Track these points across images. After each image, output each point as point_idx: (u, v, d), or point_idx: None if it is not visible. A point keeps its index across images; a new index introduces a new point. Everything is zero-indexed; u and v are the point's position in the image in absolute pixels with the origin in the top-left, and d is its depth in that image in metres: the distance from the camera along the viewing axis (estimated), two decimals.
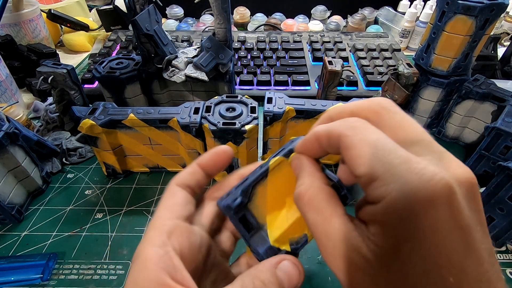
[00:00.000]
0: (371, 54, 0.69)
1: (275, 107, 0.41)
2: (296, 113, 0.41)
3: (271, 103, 0.41)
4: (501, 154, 0.40)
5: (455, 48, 0.45)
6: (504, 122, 0.39)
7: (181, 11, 0.95)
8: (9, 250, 0.37)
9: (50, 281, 0.34)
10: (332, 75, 0.49)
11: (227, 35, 0.46)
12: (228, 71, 0.49)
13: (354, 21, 0.86)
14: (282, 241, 0.19)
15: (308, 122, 0.42)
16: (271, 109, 0.41)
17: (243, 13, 0.90)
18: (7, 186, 0.39)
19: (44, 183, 0.44)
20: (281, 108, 0.41)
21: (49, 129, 0.53)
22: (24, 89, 0.66)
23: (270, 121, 0.41)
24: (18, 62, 0.65)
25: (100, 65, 0.49)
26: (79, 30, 0.82)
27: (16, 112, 0.50)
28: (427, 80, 0.50)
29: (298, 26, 0.88)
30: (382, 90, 0.53)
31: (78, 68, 0.74)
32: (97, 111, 0.41)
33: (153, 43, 0.45)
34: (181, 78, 0.47)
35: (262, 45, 0.72)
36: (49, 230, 0.40)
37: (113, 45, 0.74)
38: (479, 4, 0.41)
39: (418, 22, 0.80)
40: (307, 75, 0.64)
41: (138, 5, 0.43)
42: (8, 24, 0.68)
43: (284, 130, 0.43)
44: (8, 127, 0.38)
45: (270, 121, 0.41)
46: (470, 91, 0.47)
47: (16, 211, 0.39)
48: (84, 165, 0.49)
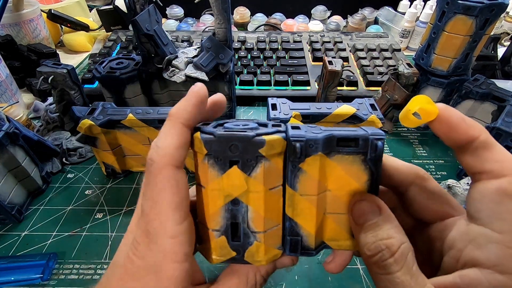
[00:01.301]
0: (371, 54, 0.69)
1: (280, 113, 0.40)
2: (302, 117, 0.41)
3: (276, 110, 0.41)
4: None
5: (455, 48, 0.45)
6: (504, 122, 0.39)
7: (181, 11, 0.95)
8: (9, 250, 0.37)
9: (50, 281, 0.35)
10: (332, 75, 0.49)
11: (227, 35, 0.46)
12: (228, 71, 0.49)
13: (354, 21, 0.86)
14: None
15: None
16: (278, 115, 0.40)
17: (243, 13, 0.90)
18: (7, 186, 0.39)
19: (44, 183, 0.44)
20: (287, 114, 0.40)
21: (49, 129, 0.53)
22: (24, 89, 0.66)
23: None
24: (18, 62, 0.65)
25: (100, 65, 0.49)
26: (79, 30, 0.82)
27: (16, 112, 0.50)
28: (427, 80, 0.50)
29: (298, 26, 0.88)
30: (382, 90, 0.53)
31: (78, 68, 0.74)
32: (96, 111, 0.41)
33: (153, 43, 0.45)
34: (181, 78, 0.47)
35: (262, 45, 0.72)
36: (49, 230, 0.40)
37: (113, 45, 0.74)
38: (479, 4, 0.41)
39: (418, 22, 0.80)
40: (307, 75, 0.64)
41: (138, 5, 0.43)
42: (8, 24, 0.68)
43: None
44: (8, 127, 0.38)
45: None
46: (470, 91, 0.47)
47: (16, 211, 0.39)
48: (84, 165, 0.49)
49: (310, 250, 0.20)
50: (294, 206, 0.19)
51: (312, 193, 0.18)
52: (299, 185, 0.18)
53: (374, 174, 0.18)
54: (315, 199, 0.18)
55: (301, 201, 0.18)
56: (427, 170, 0.48)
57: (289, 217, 0.19)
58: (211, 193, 0.18)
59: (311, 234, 0.19)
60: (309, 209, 0.19)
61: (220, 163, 0.17)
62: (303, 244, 0.19)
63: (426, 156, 0.51)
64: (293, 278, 0.35)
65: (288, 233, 0.19)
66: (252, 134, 0.17)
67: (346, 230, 0.19)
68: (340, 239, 0.20)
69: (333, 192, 0.19)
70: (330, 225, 0.20)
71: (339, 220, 0.19)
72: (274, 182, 0.18)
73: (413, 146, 0.53)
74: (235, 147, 0.17)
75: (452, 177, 0.46)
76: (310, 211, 0.19)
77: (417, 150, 0.52)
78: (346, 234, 0.20)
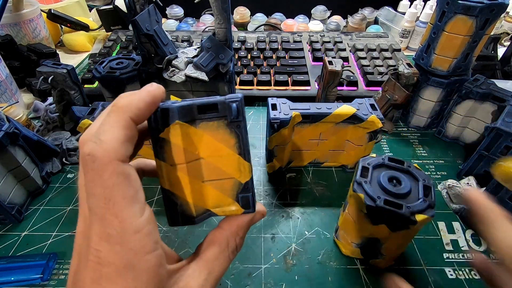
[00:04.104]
0: (371, 54, 0.69)
1: (281, 113, 0.40)
2: (302, 118, 0.41)
3: (276, 110, 0.41)
4: (501, 154, 0.40)
5: (455, 48, 0.45)
6: (504, 122, 0.39)
7: (181, 11, 0.95)
8: (9, 250, 0.37)
9: (50, 281, 0.35)
10: (332, 75, 0.49)
11: (227, 35, 0.46)
12: (228, 71, 0.49)
13: (354, 21, 0.86)
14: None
15: (314, 126, 0.42)
16: (278, 116, 0.40)
17: (243, 13, 0.90)
18: (7, 186, 0.39)
19: (44, 183, 0.44)
20: (287, 114, 0.40)
21: (49, 129, 0.53)
22: (24, 89, 0.66)
23: (277, 128, 0.40)
24: (18, 62, 0.65)
25: (100, 65, 0.49)
26: (79, 30, 0.82)
27: (16, 112, 0.50)
28: (427, 80, 0.50)
29: (298, 26, 0.88)
30: (382, 90, 0.53)
31: (78, 68, 0.74)
32: (96, 111, 0.41)
33: (153, 43, 0.45)
34: (181, 78, 0.46)
35: (262, 45, 0.72)
36: (49, 230, 0.40)
37: (113, 45, 0.74)
38: (479, 4, 0.41)
39: (418, 22, 0.80)
40: (307, 75, 0.64)
41: (138, 5, 0.43)
42: (8, 24, 0.68)
43: (290, 135, 0.43)
44: (8, 127, 0.38)
45: (278, 128, 0.40)
46: (470, 91, 0.47)
47: (16, 211, 0.39)
48: None
49: (191, 218, 0.20)
50: (167, 176, 0.19)
51: (181, 161, 0.19)
52: (166, 155, 0.19)
53: (240, 136, 0.19)
54: (184, 167, 0.19)
55: (172, 171, 0.19)
56: (427, 170, 0.48)
57: (164, 189, 0.19)
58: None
59: (189, 203, 0.20)
60: (182, 178, 0.19)
61: (373, 220, 0.30)
62: (183, 213, 0.20)
63: (426, 156, 0.51)
64: (293, 278, 0.35)
65: (166, 205, 0.20)
66: (406, 212, 0.27)
67: (229, 195, 0.20)
68: (223, 205, 0.20)
69: (207, 160, 0.19)
70: (211, 192, 0.20)
71: (219, 186, 0.20)
72: (409, 235, 0.27)
73: (413, 146, 0.53)
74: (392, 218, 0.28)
75: (452, 177, 0.46)
76: (183, 180, 0.19)
77: (417, 150, 0.52)
78: (229, 199, 0.20)
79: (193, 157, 0.19)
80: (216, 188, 0.20)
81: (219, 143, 0.19)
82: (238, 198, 0.20)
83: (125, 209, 0.15)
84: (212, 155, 0.19)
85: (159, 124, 0.18)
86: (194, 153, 0.19)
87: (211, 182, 0.20)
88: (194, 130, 0.18)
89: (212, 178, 0.20)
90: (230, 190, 0.20)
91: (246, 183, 0.20)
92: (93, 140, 0.15)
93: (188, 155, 0.19)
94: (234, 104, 0.18)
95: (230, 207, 0.20)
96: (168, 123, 0.18)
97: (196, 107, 0.18)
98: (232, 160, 0.19)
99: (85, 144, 0.15)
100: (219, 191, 0.20)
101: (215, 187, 0.20)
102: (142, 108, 0.16)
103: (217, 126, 0.19)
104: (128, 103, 0.16)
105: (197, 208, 0.20)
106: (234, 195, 0.20)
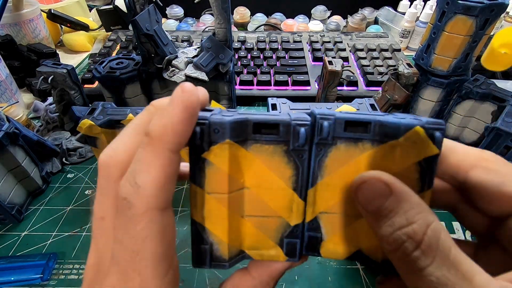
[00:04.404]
0: (371, 54, 0.69)
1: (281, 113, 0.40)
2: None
3: (276, 110, 0.41)
4: (501, 154, 0.40)
5: (455, 48, 0.45)
6: (504, 122, 0.39)
7: (181, 11, 0.95)
8: (9, 250, 0.37)
9: (50, 281, 0.34)
10: (332, 75, 0.49)
11: (227, 35, 0.46)
12: (228, 71, 0.49)
13: (354, 21, 0.86)
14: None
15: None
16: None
17: (243, 13, 0.90)
18: (7, 186, 0.39)
19: (44, 183, 0.44)
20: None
21: (49, 129, 0.53)
22: (24, 89, 0.66)
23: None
24: (18, 62, 0.65)
25: (100, 65, 0.49)
26: (79, 30, 0.82)
27: (16, 112, 0.50)
28: (427, 80, 0.50)
29: (298, 26, 0.88)
30: (382, 90, 0.53)
31: (78, 68, 0.74)
32: (96, 111, 0.40)
33: (153, 43, 0.45)
34: (181, 78, 0.46)
35: (262, 45, 0.72)
36: (49, 230, 0.40)
37: (113, 45, 0.74)
38: (479, 4, 0.41)
39: (418, 22, 0.80)
40: (307, 75, 0.64)
41: (138, 5, 0.43)
42: (8, 24, 0.68)
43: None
44: (8, 127, 0.38)
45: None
46: (470, 91, 0.47)
47: (16, 211, 0.39)
48: (84, 165, 0.49)
49: (223, 261, 0.16)
50: (201, 207, 0.15)
51: (222, 191, 0.15)
52: (206, 180, 0.15)
53: (300, 169, 0.15)
54: (225, 198, 0.15)
55: (209, 201, 0.15)
56: None
57: (195, 221, 0.16)
58: None
59: (223, 242, 0.16)
60: (219, 210, 0.15)
61: None
62: (213, 254, 0.16)
63: None
64: (293, 278, 0.35)
65: (194, 240, 0.16)
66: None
67: (271, 236, 0.16)
68: (262, 247, 0.17)
69: (252, 190, 0.16)
70: (249, 230, 0.16)
71: (260, 224, 0.16)
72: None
73: None
74: None
75: None
76: (221, 213, 0.15)
77: None
78: (270, 241, 0.16)
79: (237, 186, 0.15)
80: (256, 226, 0.16)
81: (272, 173, 0.15)
82: (283, 243, 0.16)
83: (150, 267, 0.13)
84: (259, 185, 0.16)
85: (204, 141, 0.14)
86: (239, 181, 0.15)
87: (251, 217, 0.16)
88: (245, 152, 0.15)
89: (254, 214, 0.16)
90: (274, 231, 0.16)
91: (296, 226, 0.16)
92: (130, 181, 0.13)
93: (232, 183, 0.15)
94: (302, 128, 0.14)
95: (270, 251, 0.16)
96: (216, 141, 0.14)
97: (252, 124, 0.15)
98: (283, 196, 0.16)
99: (123, 184, 0.13)
100: (259, 230, 0.16)
101: (256, 225, 0.16)
102: (180, 131, 0.13)
103: (273, 152, 0.15)
104: (163, 131, 0.13)
105: (231, 249, 0.16)
106: (277, 237, 0.16)
